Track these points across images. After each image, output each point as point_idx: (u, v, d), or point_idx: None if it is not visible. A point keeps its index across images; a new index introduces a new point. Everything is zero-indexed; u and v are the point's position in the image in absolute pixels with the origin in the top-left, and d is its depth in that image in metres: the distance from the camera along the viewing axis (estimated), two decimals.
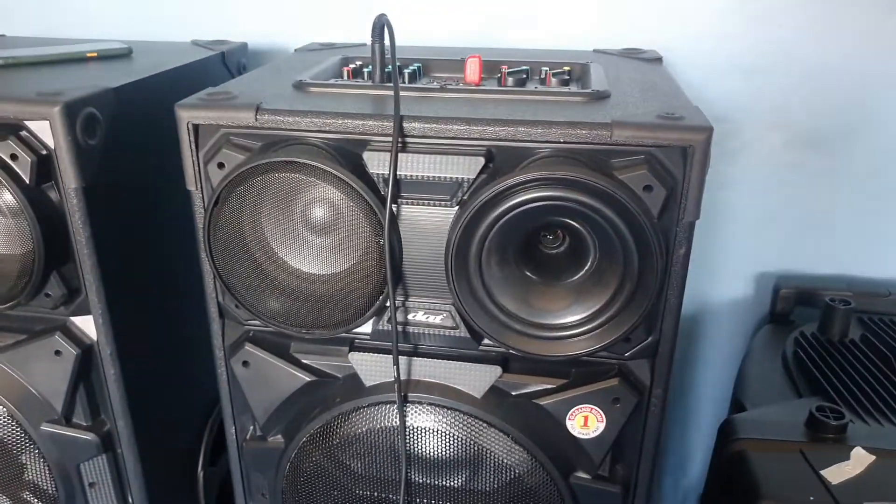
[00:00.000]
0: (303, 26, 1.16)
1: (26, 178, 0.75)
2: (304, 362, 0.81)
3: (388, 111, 0.70)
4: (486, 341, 0.77)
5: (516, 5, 1.10)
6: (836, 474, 0.76)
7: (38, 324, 0.85)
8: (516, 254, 0.72)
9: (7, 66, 0.92)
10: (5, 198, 0.75)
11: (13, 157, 0.74)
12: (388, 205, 0.69)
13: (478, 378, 0.77)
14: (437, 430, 0.79)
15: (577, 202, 0.66)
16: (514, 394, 0.78)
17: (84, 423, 0.88)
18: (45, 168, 0.76)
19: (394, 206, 0.71)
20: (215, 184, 0.73)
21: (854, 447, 0.79)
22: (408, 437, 0.79)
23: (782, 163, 1.12)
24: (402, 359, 0.78)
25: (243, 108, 0.72)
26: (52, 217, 0.78)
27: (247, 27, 1.17)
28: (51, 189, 0.77)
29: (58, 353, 0.83)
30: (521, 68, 0.85)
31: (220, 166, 0.73)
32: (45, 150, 0.76)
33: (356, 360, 0.79)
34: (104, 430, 0.89)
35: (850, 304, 1.00)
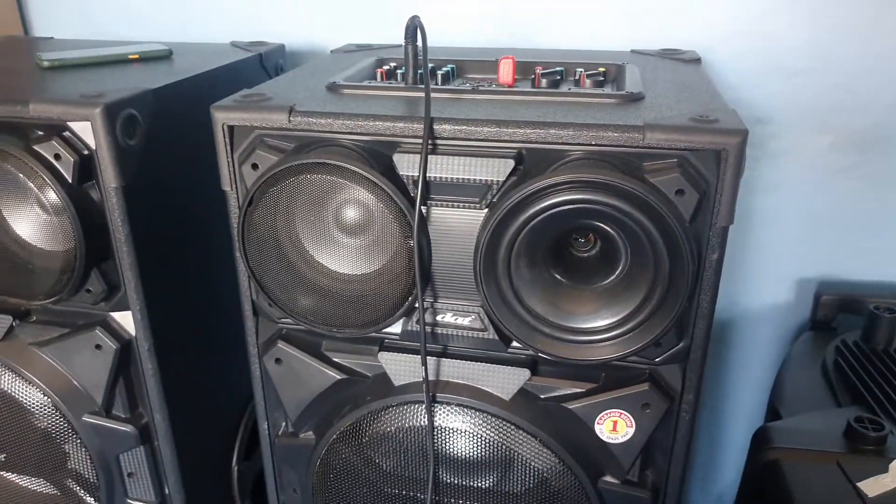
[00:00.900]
0: (340, 27, 1.18)
1: (69, 178, 0.77)
2: (335, 360, 0.82)
3: (418, 113, 0.71)
4: (514, 344, 0.77)
5: (552, 5, 1.10)
6: (874, 487, 0.74)
7: (80, 318, 0.88)
8: (546, 256, 0.72)
9: (54, 67, 0.95)
10: (49, 196, 0.77)
11: (56, 156, 0.77)
12: (417, 206, 0.69)
13: (506, 380, 0.77)
14: (465, 431, 0.79)
15: (608, 205, 0.65)
16: (542, 397, 0.78)
17: (123, 416, 0.91)
18: (87, 168, 0.78)
19: (423, 207, 0.72)
20: (249, 184, 0.74)
21: (893, 459, 0.76)
22: (436, 437, 0.80)
23: (827, 165, 1.09)
24: (431, 359, 0.78)
25: (277, 110, 0.73)
26: (94, 215, 0.80)
27: (285, 28, 1.19)
28: (92, 188, 0.80)
29: (98, 346, 0.85)
30: (555, 69, 0.84)
31: (254, 167, 0.74)
32: (86, 151, 0.78)
33: (385, 359, 0.80)
34: (142, 422, 0.91)
35: (895, 311, 0.97)
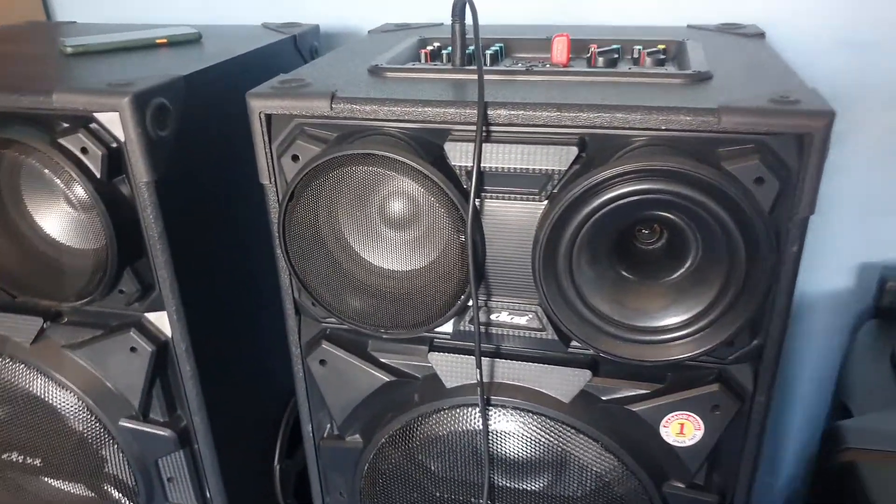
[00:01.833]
0: (376, 6, 1.12)
1: (97, 172, 0.73)
2: (383, 361, 0.78)
3: (470, 97, 0.66)
4: (574, 343, 0.72)
5: None
6: None
7: (114, 319, 0.84)
8: (609, 251, 0.67)
9: (78, 54, 0.90)
10: (77, 192, 0.73)
11: (83, 150, 0.73)
12: (471, 199, 0.64)
13: (566, 382, 0.73)
14: (521, 435, 0.75)
15: (681, 196, 0.60)
16: (604, 399, 0.73)
17: (161, 420, 0.87)
18: (116, 161, 0.74)
19: (477, 200, 0.67)
20: (290, 177, 0.70)
21: None
22: (491, 441, 0.75)
23: (894, 145, 1.02)
24: (485, 360, 0.74)
25: (317, 97, 0.68)
26: (125, 211, 0.76)
27: (318, 8, 1.13)
28: (122, 183, 0.75)
29: (133, 349, 0.82)
30: (611, 47, 0.78)
31: (295, 159, 0.70)
32: (115, 143, 0.73)
33: (436, 360, 0.75)
34: (181, 425, 0.88)
35: None
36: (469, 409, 0.75)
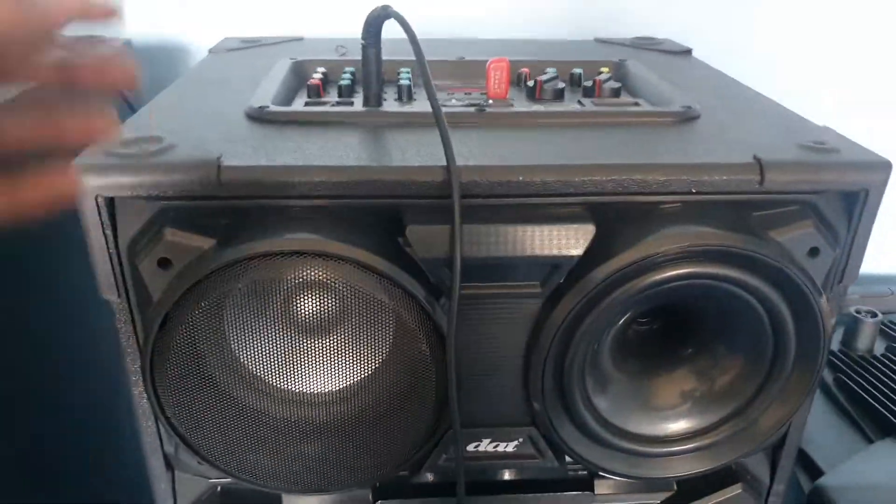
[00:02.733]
0: (198, 13, 0.85)
1: None
2: None
3: (426, 158, 0.46)
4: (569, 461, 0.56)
5: None
6: None
7: None
8: (615, 346, 0.52)
9: None
10: None
11: None
12: (452, 304, 0.45)
13: None
14: None
15: (733, 280, 0.46)
16: None
17: None
18: None
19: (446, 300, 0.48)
20: (154, 288, 0.46)
21: None
22: None
23: None
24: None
25: (193, 167, 0.45)
26: None
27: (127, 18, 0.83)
28: None
29: None
30: (551, 75, 0.62)
31: (164, 263, 0.45)
32: None
33: None
34: None
35: (876, 315, 0.90)
36: None
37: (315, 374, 0.48)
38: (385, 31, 0.53)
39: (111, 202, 0.45)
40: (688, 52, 0.78)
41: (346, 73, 0.62)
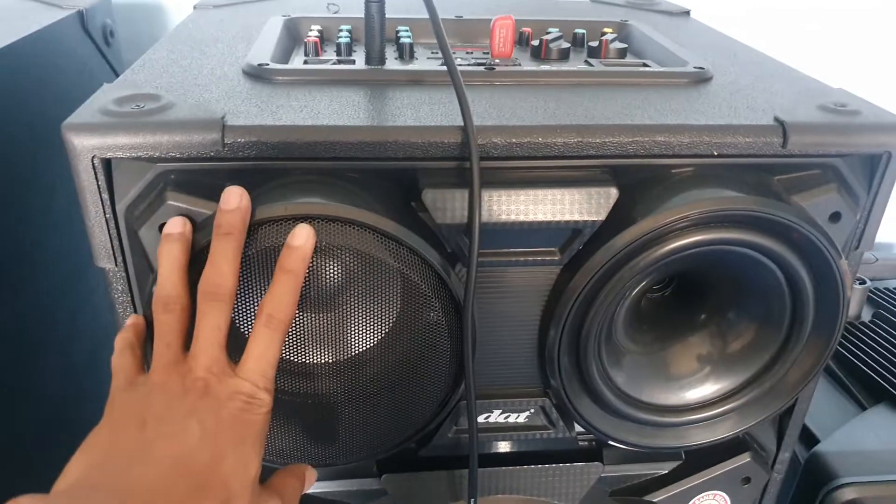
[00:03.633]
0: None
1: None
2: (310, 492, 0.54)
3: (440, 118, 0.44)
4: (579, 431, 0.55)
5: None
6: None
7: None
8: (629, 316, 0.51)
9: None
10: None
11: None
12: (471, 272, 0.44)
13: (573, 482, 0.55)
14: None
15: (757, 246, 0.45)
16: (612, 490, 0.57)
17: None
18: None
19: (464, 268, 0.46)
20: (155, 256, 0.43)
21: None
22: None
23: None
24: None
25: (196, 126, 0.42)
26: None
27: None
28: None
29: None
30: (556, 34, 0.60)
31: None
32: None
33: (392, 484, 0.54)
34: None
35: (864, 282, 0.91)
36: None
37: (327, 343, 0.46)
38: None
39: (107, 164, 0.42)
40: (686, 13, 0.76)
41: (342, 30, 0.60)
